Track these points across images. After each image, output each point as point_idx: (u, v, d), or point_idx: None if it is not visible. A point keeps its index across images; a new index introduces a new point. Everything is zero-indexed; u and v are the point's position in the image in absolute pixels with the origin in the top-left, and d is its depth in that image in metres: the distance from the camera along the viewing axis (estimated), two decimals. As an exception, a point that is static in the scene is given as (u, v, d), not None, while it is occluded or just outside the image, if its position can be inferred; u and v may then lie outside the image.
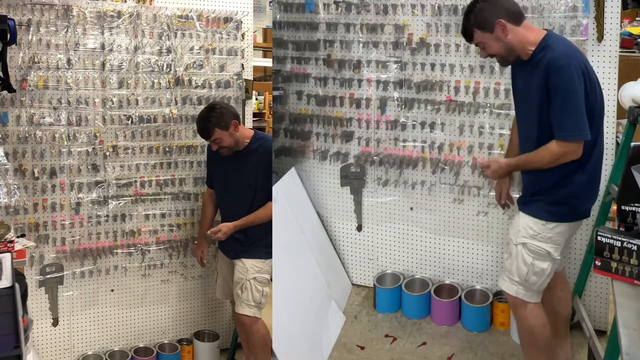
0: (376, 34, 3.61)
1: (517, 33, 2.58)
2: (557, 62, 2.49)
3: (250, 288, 3.31)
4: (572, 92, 2.47)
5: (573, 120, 2.49)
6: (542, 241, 2.61)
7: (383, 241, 3.84)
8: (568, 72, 2.47)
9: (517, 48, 2.60)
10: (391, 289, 3.73)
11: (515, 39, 2.58)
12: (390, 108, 3.65)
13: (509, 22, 2.57)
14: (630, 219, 2.23)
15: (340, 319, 3.58)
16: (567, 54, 2.53)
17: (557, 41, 2.60)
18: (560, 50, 2.53)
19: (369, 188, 3.81)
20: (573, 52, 2.57)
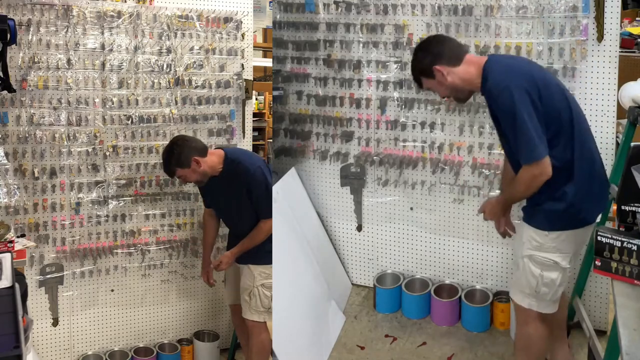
0: (376, 34, 3.61)
1: (457, 73, 2.59)
2: (494, 89, 2.49)
3: (258, 294, 3.31)
4: (514, 114, 2.45)
5: (524, 143, 2.47)
6: (547, 251, 2.57)
7: (383, 241, 3.84)
8: (505, 95, 2.46)
9: (462, 87, 2.62)
10: (391, 289, 3.73)
11: (456, 79, 2.60)
12: (390, 108, 3.65)
13: (446, 65, 2.59)
14: (630, 219, 2.23)
15: (340, 319, 3.58)
16: (503, 77, 2.50)
17: (494, 66, 2.56)
18: (496, 75, 2.52)
19: (369, 188, 3.81)
20: (510, 73, 2.53)
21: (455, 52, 2.62)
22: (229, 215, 3.49)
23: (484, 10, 3.32)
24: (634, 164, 2.10)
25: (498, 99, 2.49)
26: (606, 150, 3.15)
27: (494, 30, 3.31)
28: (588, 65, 3.14)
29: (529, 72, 2.55)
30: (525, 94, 2.44)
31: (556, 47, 3.18)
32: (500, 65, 2.59)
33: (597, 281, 3.24)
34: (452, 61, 2.59)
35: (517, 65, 2.63)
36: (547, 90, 2.50)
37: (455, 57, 2.60)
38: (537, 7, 3.19)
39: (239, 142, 3.93)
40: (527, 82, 2.48)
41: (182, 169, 3.29)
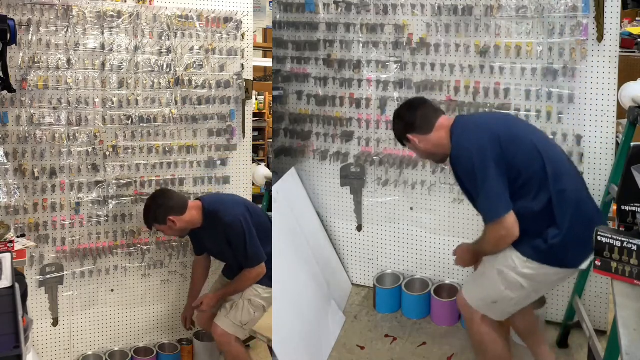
0: (376, 34, 3.61)
1: (429, 140, 2.70)
2: (454, 151, 2.59)
3: (242, 308, 3.33)
4: (474, 175, 2.52)
5: (484, 202, 2.54)
6: (520, 275, 2.57)
7: (383, 241, 3.84)
8: (464, 156, 2.55)
9: (435, 151, 2.73)
10: (391, 289, 3.73)
11: (428, 145, 2.71)
12: (390, 108, 3.65)
13: (418, 134, 2.71)
14: (630, 219, 2.23)
15: (340, 319, 3.58)
16: (462, 139, 2.59)
17: (456, 130, 2.64)
18: (457, 138, 2.60)
19: (369, 188, 3.81)
20: (470, 134, 2.60)
21: (427, 119, 2.70)
22: (220, 258, 3.59)
23: (484, 10, 3.32)
24: (634, 164, 2.10)
25: (457, 161, 2.59)
26: (606, 150, 3.15)
27: (494, 30, 3.31)
28: (588, 65, 3.14)
29: (491, 130, 2.60)
30: (484, 154, 2.50)
31: (556, 47, 3.18)
32: (463, 127, 2.65)
33: (597, 281, 3.24)
34: (424, 130, 2.70)
35: (482, 124, 2.69)
36: (512, 145, 2.55)
37: (426, 125, 2.70)
38: (537, 7, 3.19)
39: (239, 142, 3.94)
40: (488, 140, 2.54)
41: (159, 225, 3.36)
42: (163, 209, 3.30)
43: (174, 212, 3.30)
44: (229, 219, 3.27)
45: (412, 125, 2.72)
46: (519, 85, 3.29)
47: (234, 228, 3.25)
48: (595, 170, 3.18)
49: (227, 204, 3.42)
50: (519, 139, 2.59)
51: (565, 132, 3.22)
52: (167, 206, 3.30)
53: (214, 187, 3.90)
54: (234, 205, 3.41)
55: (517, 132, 2.64)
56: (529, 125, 2.85)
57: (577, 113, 3.18)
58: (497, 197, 2.49)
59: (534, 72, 3.25)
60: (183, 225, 3.33)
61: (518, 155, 2.55)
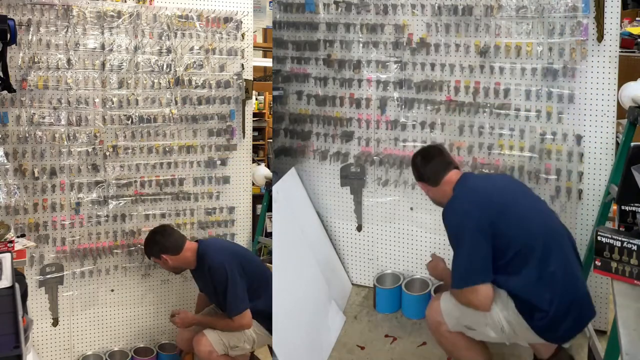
0: (376, 34, 3.61)
1: (435, 192, 2.87)
2: (444, 211, 2.72)
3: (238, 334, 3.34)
4: (454, 238, 2.63)
5: (459, 267, 2.59)
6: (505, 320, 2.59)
7: (383, 241, 3.84)
8: (449, 219, 2.67)
9: (441, 202, 2.85)
10: (391, 289, 3.73)
11: (435, 195, 2.89)
12: (390, 108, 3.65)
13: (426, 184, 2.88)
14: (630, 219, 2.24)
15: (340, 319, 3.58)
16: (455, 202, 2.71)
17: (456, 190, 2.76)
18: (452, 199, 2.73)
19: (369, 188, 3.81)
20: (466, 197, 2.70)
21: (436, 173, 2.84)
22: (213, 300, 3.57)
23: (484, 10, 3.31)
24: (634, 164, 2.10)
25: (445, 219, 2.70)
26: (606, 150, 3.15)
27: (494, 30, 3.31)
28: (588, 65, 3.14)
29: (488, 197, 2.68)
30: (469, 220, 2.58)
31: (556, 47, 3.18)
32: (462, 188, 2.76)
33: (597, 281, 3.24)
34: (431, 182, 2.86)
35: (481, 189, 2.76)
36: (505, 217, 2.60)
37: (434, 179, 2.84)
38: (537, 7, 3.19)
39: (238, 142, 3.94)
40: (480, 208, 2.61)
41: (155, 258, 3.45)
42: (158, 246, 3.41)
43: (168, 252, 3.39)
44: (213, 264, 3.33)
45: (421, 176, 2.90)
46: (519, 85, 3.29)
47: (217, 273, 3.31)
48: (595, 170, 3.18)
49: (218, 249, 3.46)
50: (515, 211, 2.64)
51: (565, 132, 3.22)
52: (163, 245, 3.40)
53: (214, 187, 3.90)
54: (224, 251, 3.45)
55: (515, 203, 2.69)
56: (530, 195, 2.85)
57: (577, 113, 3.18)
58: (473, 266, 2.55)
59: (534, 72, 3.25)
60: (176, 264, 3.42)
61: (511, 228, 2.59)
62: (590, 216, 3.20)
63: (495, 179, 3.01)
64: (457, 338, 2.71)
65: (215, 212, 3.93)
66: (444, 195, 2.80)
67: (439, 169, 2.84)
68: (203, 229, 3.90)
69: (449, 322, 2.70)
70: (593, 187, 3.19)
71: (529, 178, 3.32)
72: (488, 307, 2.54)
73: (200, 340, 3.32)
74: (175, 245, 3.40)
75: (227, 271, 3.29)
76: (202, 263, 3.38)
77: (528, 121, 3.29)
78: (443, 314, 2.71)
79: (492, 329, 2.62)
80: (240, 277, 3.30)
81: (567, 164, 3.23)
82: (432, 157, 2.89)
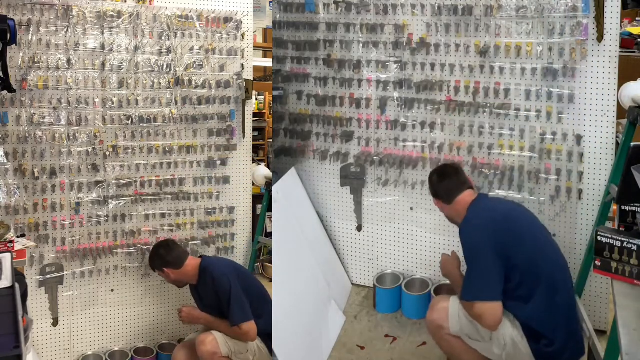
0: (376, 34, 3.61)
1: (449, 209, 2.93)
2: (462, 225, 2.78)
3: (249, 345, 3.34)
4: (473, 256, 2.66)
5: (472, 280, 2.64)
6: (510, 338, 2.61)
7: (383, 241, 3.84)
8: (472, 235, 2.70)
9: (453, 219, 2.93)
10: (391, 289, 3.73)
11: (449, 212, 2.96)
12: (390, 108, 3.65)
13: (440, 200, 2.96)
14: (630, 219, 2.24)
15: (340, 319, 3.58)
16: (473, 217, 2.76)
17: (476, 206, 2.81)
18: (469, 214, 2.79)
19: (369, 188, 3.81)
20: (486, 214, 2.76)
21: (449, 192, 2.91)
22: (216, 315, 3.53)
23: (484, 10, 3.32)
24: (634, 164, 2.10)
25: (462, 234, 2.75)
26: (606, 150, 3.15)
27: (494, 30, 3.31)
28: (588, 65, 3.14)
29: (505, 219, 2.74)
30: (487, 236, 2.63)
31: (556, 47, 3.18)
32: (479, 206, 2.83)
33: (597, 281, 3.24)
34: (445, 200, 2.94)
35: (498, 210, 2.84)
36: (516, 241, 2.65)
37: (448, 197, 2.92)
38: (537, 7, 3.19)
39: (239, 142, 3.94)
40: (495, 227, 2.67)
41: (157, 271, 3.52)
42: (160, 260, 3.46)
43: (170, 266, 3.43)
44: (217, 274, 3.37)
45: (436, 193, 2.99)
46: (519, 85, 3.29)
47: (221, 282, 3.33)
48: (595, 170, 3.19)
49: (221, 264, 3.54)
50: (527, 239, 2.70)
51: (565, 132, 3.22)
52: (164, 259, 3.45)
53: (214, 187, 3.90)
54: (228, 267, 3.51)
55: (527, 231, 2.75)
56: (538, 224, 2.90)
57: (577, 113, 3.18)
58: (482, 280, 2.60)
59: (534, 72, 3.25)
60: (177, 277, 3.47)
61: (523, 254, 2.64)
62: (590, 216, 3.20)
63: (507, 205, 3.03)
64: (457, 341, 2.73)
65: (215, 212, 3.93)
66: (457, 214, 2.87)
67: (453, 188, 2.91)
68: (203, 229, 3.90)
69: (452, 326, 2.71)
70: (593, 187, 3.19)
71: (529, 178, 3.32)
72: (496, 327, 2.58)
73: (206, 339, 3.30)
74: (178, 260, 3.45)
75: (230, 280, 3.32)
76: (205, 276, 3.40)
77: (528, 121, 3.29)
78: (449, 317, 2.72)
79: (495, 345, 2.63)
80: (240, 288, 3.33)
81: (567, 164, 3.23)
82: (448, 176, 2.96)
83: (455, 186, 2.92)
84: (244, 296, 3.33)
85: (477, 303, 2.58)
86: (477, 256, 2.64)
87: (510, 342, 2.61)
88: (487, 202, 2.91)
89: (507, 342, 2.62)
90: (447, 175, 2.97)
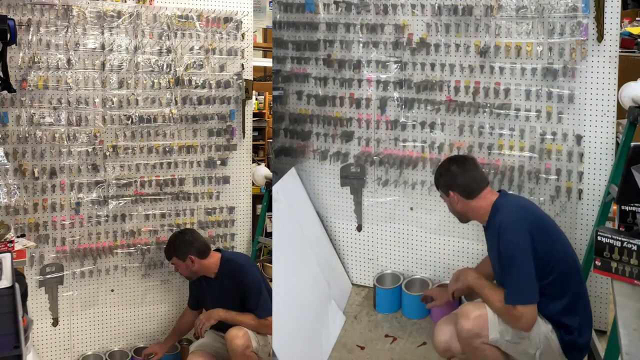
0: (376, 34, 3.61)
1: (468, 205, 2.76)
2: (503, 225, 2.61)
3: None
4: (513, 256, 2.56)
5: (516, 284, 2.55)
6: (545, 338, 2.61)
7: (383, 241, 3.84)
8: (514, 236, 2.57)
9: (469, 216, 2.81)
10: (391, 289, 3.73)
11: (465, 208, 2.78)
12: (390, 108, 3.65)
13: (457, 194, 2.76)
14: (630, 219, 2.24)
15: (340, 319, 3.58)
16: (513, 216, 2.63)
17: (506, 203, 2.70)
18: (507, 213, 2.65)
19: (369, 188, 3.81)
20: (520, 213, 2.66)
21: (476, 186, 2.74)
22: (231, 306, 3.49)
23: (484, 10, 3.31)
24: (634, 164, 2.10)
25: (504, 234, 2.60)
26: (606, 150, 3.15)
27: (494, 30, 3.31)
28: (588, 65, 3.14)
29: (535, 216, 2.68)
30: (530, 237, 2.55)
31: (556, 47, 3.18)
32: (513, 203, 2.73)
33: (597, 281, 3.24)
34: (467, 195, 2.75)
35: (526, 207, 2.74)
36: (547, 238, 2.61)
37: (469, 193, 2.74)
38: (537, 7, 3.19)
39: (239, 142, 3.94)
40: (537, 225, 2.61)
41: (178, 259, 3.42)
42: (187, 245, 3.40)
43: (196, 253, 3.39)
44: (247, 266, 3.38)
45: (453, 185, 2.77)
46: (519, 85, 3.29)
47: (250, 274, 3.33)
48: (595, 170, 3.19)
49: (243, 257, 3.58)
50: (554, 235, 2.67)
51: (565, 132, 3.22)
52: (192, 245, 3.40)
53: (214, 187, 3.90)
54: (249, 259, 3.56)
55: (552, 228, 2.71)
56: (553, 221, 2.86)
57: (577, 113, 3.19)
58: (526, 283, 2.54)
59: (534, 72, 3.25)
60: (199, 268, 3.42)
61: (555, 251, 2.60)
62: (590, 216, 3.20)
63: (529, 202, 2.93)
64: (491, 350, 2.63)
65: (215, 212, 3.93)
66: (478, 210, 2.74)
67: (479, 182, 2.76)
68: (203, 229, 3.89)
69: (491, 334, 2.61)
70: (593, 187, 3.19)
71: (529, 178, 3.32)
72: (531, 328, 2.55)
73: (238, 333, 3.27)
74: (204, 249, 3.44)
75: (259, 272, 3.34)
76: (228, 268, 3.38)
77: (528, 121, 3.29)
78: (489, 324, 2.62)
79: (532, 344, 2.60)
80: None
81: (567, 164, 3.23)
82: (471, 168, 2.79)
83: (482, 180, 2.77)
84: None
85: (518, 307, 2.52)
86: (519, 258, 2.54)
87: (544, 340, 2.59)
88: (516, 200, 2.82)
89: (541, 339, 2.59)
90: (470, 166, 2.79)
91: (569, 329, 2.60)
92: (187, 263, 3.40)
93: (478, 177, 2.78)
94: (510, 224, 2.61)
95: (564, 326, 2.60)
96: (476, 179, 2.76)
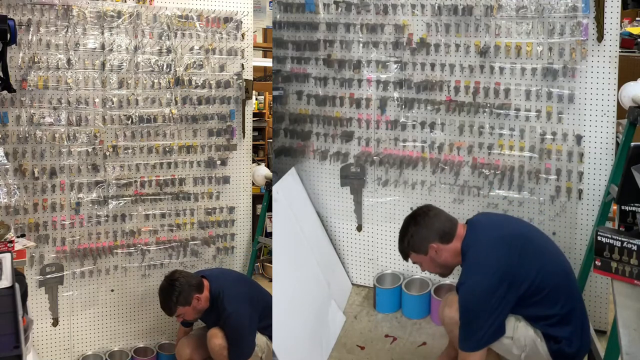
0: (376, 34, 3.61)
1: (450, 250, 2.61)
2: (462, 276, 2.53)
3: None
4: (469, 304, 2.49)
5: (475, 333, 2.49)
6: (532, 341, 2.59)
7: (383, 241, 3.83)
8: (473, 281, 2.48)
9: (451, 263, 2.65)
10: (391, 289, 3.73)
11: (448, 256, 2.63)
12: (390, 108, 3.65)
13: (441, 243, 2.61)
14: (630, 219, 2.24)
15: (340, 319, 3.58)
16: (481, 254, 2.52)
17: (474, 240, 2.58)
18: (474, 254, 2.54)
19: (369, 188, 3.81)
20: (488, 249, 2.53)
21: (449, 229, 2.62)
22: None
23: (484, 10, 3.32)
24: (634, 164, 2.10)
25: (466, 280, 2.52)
26: (606, 150, 3.15)
27: (494, 30, 3.31)
28: (588, 65, 3.14)
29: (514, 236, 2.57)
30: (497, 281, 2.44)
31: (556, 47, 3.18)
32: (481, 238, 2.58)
33: (597, 281, 3.24)
34: (447, 239, 2.62)
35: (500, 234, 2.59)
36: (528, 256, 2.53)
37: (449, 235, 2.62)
38: (537, 7, 3.19)
39: (239, 142, 3.94)
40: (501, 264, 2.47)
41: (183, 307, 3.28)
42: (187, 287, 3.26)
43: (196, 290, 3.27)
44: (229, 309, 3.25)
45: (439, 233, 2.62)
46: (519, 85, 3.29)
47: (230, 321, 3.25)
48: (595, 170, 3.19)
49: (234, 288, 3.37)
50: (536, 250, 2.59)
51: (565, 132, 3.22)
52: (191, 284, 3.27)
53: (214, 187, 3.90)
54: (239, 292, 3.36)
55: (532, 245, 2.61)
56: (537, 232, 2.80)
57: (577, 113, 3.19)
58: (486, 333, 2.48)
59: (534, 72, 3.25)
60: (204, 304, 3.31)
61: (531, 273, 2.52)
62: (590, 216, 3.20)
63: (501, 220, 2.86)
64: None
65: (215, 212, 3.93)
66: (456, 251, 2.61)
67: (451, 219, 2.67)
68: (203, 229, 3.90)
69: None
70: (593, 187, 3.19)
71: (529, 178, 3.32)
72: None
73: (218, 333, 3.28)
74: (199, 282, 3.31)
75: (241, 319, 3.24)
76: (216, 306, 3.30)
77: (528, 121, 3.29)
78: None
79: (516, 346, 2.59)
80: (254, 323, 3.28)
81: (567, 164, 3.23)
82: (437, 211, 2.70)
83: (451, 217, 2.69)
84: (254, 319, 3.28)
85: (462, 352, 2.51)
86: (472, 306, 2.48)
87: (531, 344, 2.59)
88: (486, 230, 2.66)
89: (527, 343, 2.59)
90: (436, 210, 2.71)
91: (557, 339, 2.58)
92: (193, 305, 3.28)
93: (447, 215, 2.71)
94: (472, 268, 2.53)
95: (552, 337, 2.58)
96: (448, 218, 2.68)
